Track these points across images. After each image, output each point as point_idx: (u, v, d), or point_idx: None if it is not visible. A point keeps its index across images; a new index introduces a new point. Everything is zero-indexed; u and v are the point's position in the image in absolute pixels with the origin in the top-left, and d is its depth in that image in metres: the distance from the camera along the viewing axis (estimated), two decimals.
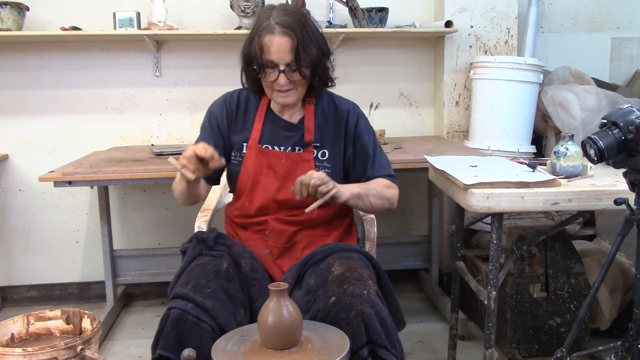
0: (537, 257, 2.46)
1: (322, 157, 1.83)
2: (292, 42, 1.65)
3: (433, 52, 3.38)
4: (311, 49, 1.68)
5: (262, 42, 1.66)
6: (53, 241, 3.29)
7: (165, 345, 1.53)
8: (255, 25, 1.70)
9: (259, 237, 1.84)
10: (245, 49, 1.71)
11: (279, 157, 1.81)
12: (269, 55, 1.66)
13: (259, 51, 1.66)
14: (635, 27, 3.56)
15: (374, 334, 1.52)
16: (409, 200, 3.48)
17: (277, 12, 1.68)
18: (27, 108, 3.18)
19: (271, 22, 1.66)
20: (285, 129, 1.83)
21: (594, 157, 1.63)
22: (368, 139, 1.87)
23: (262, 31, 1.66)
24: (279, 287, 1.42)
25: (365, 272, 1.66)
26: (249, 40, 1.70)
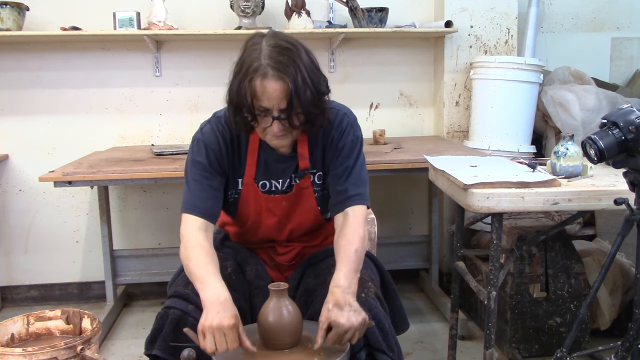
0: (537, 257, 2.46)
1: (318, 181, 1.69)
2: (285, 88, 1.44)
3: (433, 52, 3.38)
4: (306, 94, 1.46)
5: (253, 87, 1.45)
6: (53, 241, 3.29)
7: (163, 346, 1.52)
8: (245, 63, 1.47)
9: (264, 252, 1.80)
10: (234, 92, 1.49)
11: (279, 202, 1.68)
12: (262, 102, 1.46)
13: (250, 97, 1.46)
14: (635, 27, 3.56)
15: (371, 337, 1.50)
16: (409, 200, 3.48)
17: (268, 49, 1.46)
18: (27, 108, 3.18)
19: (262, 62, 1.44)
20: (279, 162, 1.66)
21: (594, 157, 1.63)
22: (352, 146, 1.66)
23: (253, 74, 1.44)
24: (279, 287, 1.42)
25: (365, 274, 1.64)
26: (238, 82, 1.48)
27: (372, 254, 1.82)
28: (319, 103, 1.52)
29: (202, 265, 1.51)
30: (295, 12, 3.03)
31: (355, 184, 1.63)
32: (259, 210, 1.69)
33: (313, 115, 1.52)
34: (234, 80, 1.51)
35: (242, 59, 1.50)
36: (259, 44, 1.48)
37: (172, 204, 3.31)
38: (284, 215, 1.70)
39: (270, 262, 1.80)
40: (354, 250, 1.52)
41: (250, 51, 1.49)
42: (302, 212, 1.71)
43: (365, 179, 1.68)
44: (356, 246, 1.53)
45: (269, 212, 1.69)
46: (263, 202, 1.68)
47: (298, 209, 1.70)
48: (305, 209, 1.70)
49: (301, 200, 1.69)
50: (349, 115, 1.69)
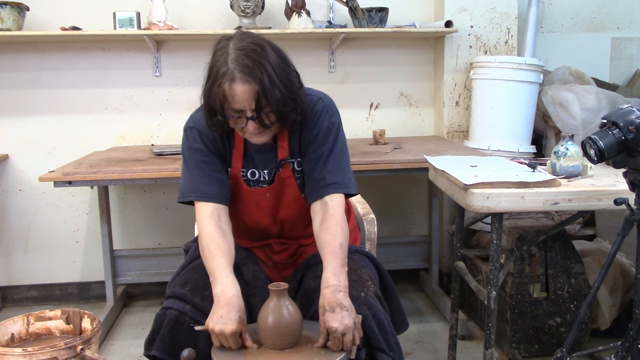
0: (537, 257, 2.46)
1: (298, 167, 1.69)
2: (252, 90, 1.46)
3: (433, 52, 3.38)
4: (274, 93, 1.48)
5: (222, 91, 1.48)
6: (53, 241, 3.29)
7: (161, 347, 1.53)
8: (214, 67, 1.52)
9: (261, 251, 1.80)
10: (206, 98, 1.55)
11: (263, 194, 1.69)
12: (232, 105, 1.50)
13: (221, 101, 1.50)
14: (635, 27, 3.56)
15: (371, 336, 1.50)
16: (409, 200, 3.48)
17: (235, 53, 1.49)
18: (27, 108, 3.18)
19: (230, 67, 1.47)
20: (261, 152, 1.67)
21: (594, 157, 1.63)
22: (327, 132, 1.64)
23: (221, 79, 1.48)
24: (279, 287, 1.42)
25: (365, 273, 1.65)
26: (209, 87, 1.52)
27: (371, 254, 1.82)
28: (289, 101, 1.53)
29: (213, 258, 1.54)
30: (295, 12, 3.03)
31: (332, 171, 1.62)
32: (246, 202, 1.71)
33: (284, 113, 1.53)
34: (205, 84, 1.55)
35: (211, 63, 1.54)
36: (225, 48, 1.52)
37: (172, 204, 3.31)
38: (271, 207, 1.71)
39: (268, 262, 1.80)
40: (339, 244, 1.53)
41: (217, 55, 1.52)
42: (288, 202, 1.71)
43: (345, 166, 1.66)
44: (340, 240, 1.54)
45: (257, 205, 1.71)
46: (249, 194, 1.69)
47: (283, 199, 1.70)
48: (290, 199, 1.70)
49: (285, 191, 1.69)
50: (324, 100, 1.67)
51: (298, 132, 1.66)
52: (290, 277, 1.76)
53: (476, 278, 2.57)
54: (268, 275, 1.78)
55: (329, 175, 1.61)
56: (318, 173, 1.62)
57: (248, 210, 1.72)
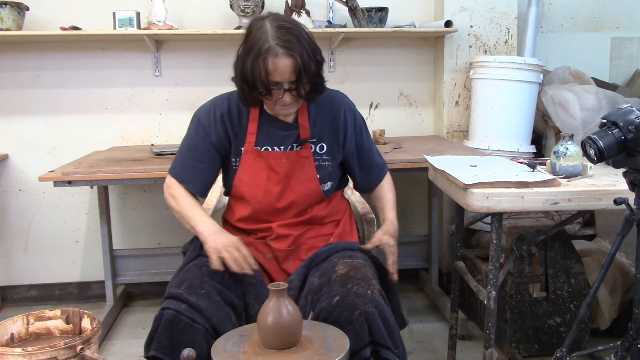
0: (537, 257, 2.46)
1: (320, 151, 1.83)
2: (295, 63, 1.62)
3: (433, 52, 3.38)
4: (311, 66, 1.66)
5: (267, 65, 1.62)
6: (53, 241, 3.29)
7: (158, 346, 1.53)
8: (255, 45, 1.63)
9: (262, 242, 1.82)
10: (248, 72, 1.65)
11: (279, 158, 1.79)
12: (274, 78, 1.64)
13: (264, 75, 1.63)
14: (635, 27, 3.56)
15: (377, 334, 1.52)
16: (409, 200, 3.48)
17: (274, 30, 1.63)
18: (27, 108, 3.18)
19: (272, 43, 1.61)
20: (281, 129, 1.80)
21: (594, 157, 1.63)
22: (366, 135, 1.94)
23: (265, 54, 1.61)
24: (279, 287, 1.42)
25: (369, 272, 1.67)
26: (251, 63, 1.64)
27: (371, 253, 1.84)
28: (320, 73, 1.72)
29: (192, 208, 1.78)
30: (295, 12, 3.03)
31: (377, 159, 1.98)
32: (258, 174, 1.79)
33: (317, 85, 1.71)
34: (246, 61, 1.66)
35: (250, 41, 1.66)
36: (263, 27, 1.65)
37: None
38: (284, 175, 1.79)
39: (267, 254, 1.81)
40: (394, 199, 1.99)
41: (257, 34, 1.65)
42: (303, 179, 1.80)
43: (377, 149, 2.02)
44: (395, 200, 1.99)
45: (270, 172, 1.79)
46: (264, 162, 1.79)
47: (299, 175, 1.80)
48: (306, 177, 1.80)
49: (302, 167, 1.80)
50: (349, 100, 1.94)
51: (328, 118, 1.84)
52: (294, 275, 1.77)
53: (476, 278, 2.57)
54: (267, 268, 1.80)
55: (378, 164, 1.99)
56: (370, 162, 1.95)
57: (259, 180, 1.79)
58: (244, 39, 1.70)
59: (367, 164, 1.94)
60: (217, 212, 2.17)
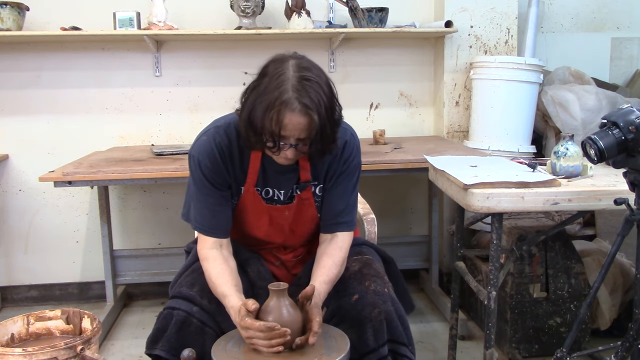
0: (537, 257, 2.46)
1: (319, 193, 1.71)
2: (310, 122, 1.45)
3: (433, 52, 3.38)
4: (326, 128, 1.48)
5: (280, 119, 1.43)
6: (53, 241, 3.29)
7: (168, 347, 1.52)
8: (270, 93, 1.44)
9: (268, 252, 1.80)
10: (258, 119, 1.46)
11: (282, 212, 1.70)
12: (284, 132, 1.46)
13: (276, 128, 1.44)
14: (635, 27, 3.56)
15: (395, 332, 1.55)
16: (409, 200, 3.48)
17: (296, 81, 1.44)
18: (27, 108, 3.18)
19: (290, 95, 1.42)
20: (281, 172, 1.67)
21: (594, 157, 1.63)
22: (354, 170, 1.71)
23: (280, 106, 1.42)
24: (279, 287, 1.43)
25: (380, 268, 1.70)
26: (264, 109, 1.44)
27: (375, 245, 1.87)
28: (334, 136, 1.54)
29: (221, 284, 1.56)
30: (295, 12, 3.03)
31: (350, 208, 1.70)
32: (259, 217, 1.70)
33: (327, 147, 1.54)
34: (256, 105, 1.47)
35: (266, 84, 1.47)
36: (285, 73, 1.46)
37: (172, 204, 3.31)
38: (287, 224, 1.72)
39: (275, 262, 1.80)
40: (335, 274, 1.61)
41: (275, 79, 1.46)
42: (304, 221, 1.73)
43: (356, 205, 1.75)
44: (337, 272, 1.62)
45: (272, 221, 1.71)
46: (265, 210, 1.68)
47: (300, 218, 1.72)
48: (307, 218, 1.72)
49: (303, 210, 1.71)
50: (355, 137, 1.71)
51: (328, 158, 1.66)
52: (302, 273, 1.77)
53: (476, 278, 2.57)
54: (277, 274, 1.79)
55: (347, 211, 1.69)
56: (338, 205, 1.68)
57: (259, 224, 1.71)
58: (258, 76, 1.51)
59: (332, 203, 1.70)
60: None
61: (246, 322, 1.39)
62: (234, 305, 1.49)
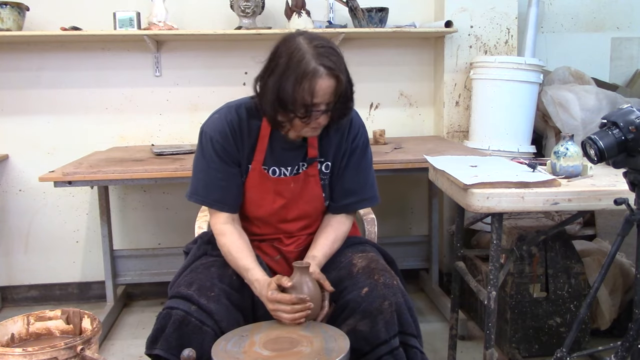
0: (537, 257, 2.46)
1: (325, 170, 1.78)
2: (337, 84, 1.56)
3: (433, 52, 3.38)
4: (348, 87, 1.60)
5: (312, 87, 1.53)
6: (53, 241, 3.29)
7: (166, 346, 1.53)
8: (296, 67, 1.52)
9: (268, 244, 1.82)
10: (288, 94, 1.53)
11: (288, 183, 1.75)
12: (316, 99, 1.55)
13: (309, 97, 1.54)
14: (635, 27, 3.56)
15: (405, 324, 1.58)
16: (409, 200, 3.48)
17: (314, 49, 1.54)
18: (27, 108, 3.18)
19: (315, 64, 1.52)
20: (289, 150, 1.74)
21: (594, 157, 1.63)
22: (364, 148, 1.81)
23: (310, 75, 1.52)
24: (302, 265, 1.56)
25: (385, 263, 1.73)
26: (293, 85, 1.52)
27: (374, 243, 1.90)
28: (352, 94, 1.65)
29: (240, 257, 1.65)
30: (295, 12, 3.03)
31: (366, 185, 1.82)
32: (265, 194, 1.75)
33: (350, 107, 1.65)
34: (284, 83, 1.54)
35: (287, 62, 1.55)
36: (299, 46, 1.55)
37: (172, 204, 3.31)
38: (291, 197, 1.76)
39: (275, 257, 1.82)
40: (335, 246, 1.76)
41: (294, 54, 1.55)
42: (308, 198, 1.77)
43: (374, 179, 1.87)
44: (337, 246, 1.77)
45: (277, 195, 1.75)
46: (272, 185, 1.74)
47: (305, 194, 1.77)
48: (311, 196, 1.77)
49: (308, 186, 1.77)
50: (359, 116, 1.82)
51: (335, 136, 1.76)
52: None
53: (476, 278, 2.57)
54: (277, 270, 1.80)
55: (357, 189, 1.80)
56: (349, 184, 1.79)
57: (265, 202, 1.76)
58: (270, 60, 1.59)
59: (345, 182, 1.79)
60: None
61: (276, 296, 1.51)
62: (259, 279, 1.59)
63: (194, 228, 2.01)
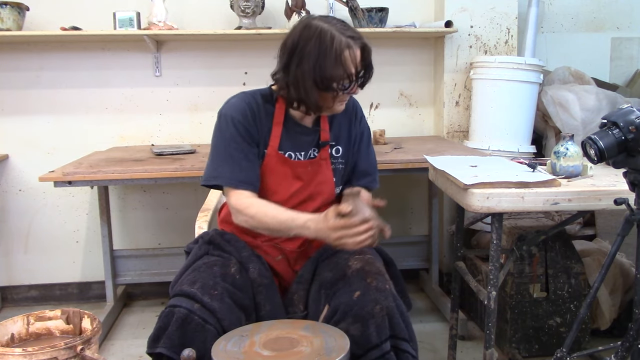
0: (537, 257, 2.46)
1: (336, 154, 1.84)
2: (369, 51, 1.67)
3: (433, 52, 3.38)
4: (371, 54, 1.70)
5: (353, 56, 1.63)
6: (53, 241, 3.29)
7: (169, 344, 1.52)
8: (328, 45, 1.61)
9: (270, 244, 1.82)
10: (328, 71, 1.61)
11: (305, 166, 1.78)
12: (354, 69, 1.65)
13: (349, 68, 1.63)
14: (635, 27, 3.56)
15: (397, 327, 1.57)
16: (409, 200, 3.48)
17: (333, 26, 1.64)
18: (27, 108, 3.18)
19: (343, 37, 1.62)
20: (303, 134, 1.79)
21: (594, 157, 1.63)
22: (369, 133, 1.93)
23: (346, 49, 1.62)
24: (353, 191, 1.61)
25: (381, 266, 1.72)
26: (333, 61, 1.61)
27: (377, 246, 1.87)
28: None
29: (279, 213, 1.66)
30: (295, 12, 3.03)
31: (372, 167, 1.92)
32: (282, 179, 1.77)
33: (372, 73, 1.73)
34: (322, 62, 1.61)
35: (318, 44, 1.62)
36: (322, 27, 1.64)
37: (172, 204, 3.31)
38: (307, 181, 1.78)
39: (276, 257, 1.81)
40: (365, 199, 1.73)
41: (321, 35, 1.63)
42: (320, 181, 1.80)
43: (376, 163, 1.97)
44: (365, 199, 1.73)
45: (295, 179, 1.78)
46: (290, 168, 1.77)
47: (317, 177, 1.80)
48: (323, 179, 1.81)
49: (320, 170, 1.80)
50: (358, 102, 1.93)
51: (346, 120, 1.86)
52: (303, 270, 1.79)
53: (476, 278, 2.57)
54: (278, 270, 1.81)
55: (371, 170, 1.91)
56: (364, 166, 1.89)
57: (282, 187, 1.77)
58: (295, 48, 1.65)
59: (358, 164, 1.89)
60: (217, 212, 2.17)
61: (339, 222, 1.52)
62: (311, 217, 1.60)
63: (194, 228, 2.01)
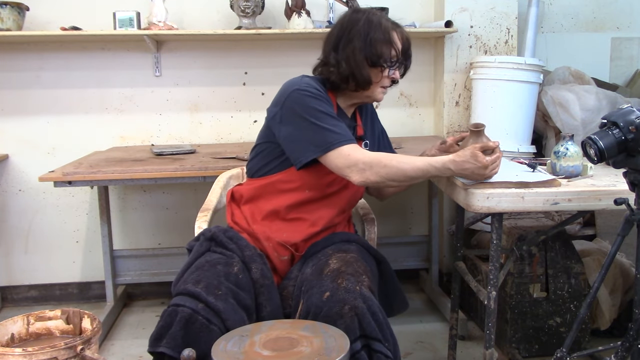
0: (537, 257, 2.46)
1: (364, 148, 1.92)
2: (407, 39, 1.88)
3: (433, 52, 3.38)
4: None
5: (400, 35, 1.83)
6: (53, 241, 3.29)
7: (173, 344, 1.51)
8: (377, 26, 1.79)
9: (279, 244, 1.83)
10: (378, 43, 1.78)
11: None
12: (399, 47, 1.84)
13: (398, 44, 1.83)
14: (635, 27, 3.56)
15: (367, 327, 1.54)
16: (409, 200, 3.48)
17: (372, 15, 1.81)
18: (27, 108, 3.18)
19: (387, 22, 1.81)
20: (349, 126, 1.87)
21: (594, 157, 1.63)
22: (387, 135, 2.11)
23: (392, 29, 1.81)
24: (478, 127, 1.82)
25: (361, 266, 1.69)
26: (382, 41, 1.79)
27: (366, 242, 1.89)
28: None
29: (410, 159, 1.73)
30: (295, 12, 3.03)
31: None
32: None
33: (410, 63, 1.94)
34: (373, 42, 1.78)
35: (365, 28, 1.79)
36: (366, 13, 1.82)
37: (172, 204, 3.31)
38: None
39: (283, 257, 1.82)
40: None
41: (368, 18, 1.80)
42: None
43: None
44: None
45: None
46: None
47: None
48: None
49: None
50: None
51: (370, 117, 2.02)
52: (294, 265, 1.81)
53: (476, 278, 2.57)
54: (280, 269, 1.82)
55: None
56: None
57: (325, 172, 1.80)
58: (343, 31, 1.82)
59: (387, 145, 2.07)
60: (217, 212, 2.17)
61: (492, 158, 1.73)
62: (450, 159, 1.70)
63: (193, 228, 2.00)
